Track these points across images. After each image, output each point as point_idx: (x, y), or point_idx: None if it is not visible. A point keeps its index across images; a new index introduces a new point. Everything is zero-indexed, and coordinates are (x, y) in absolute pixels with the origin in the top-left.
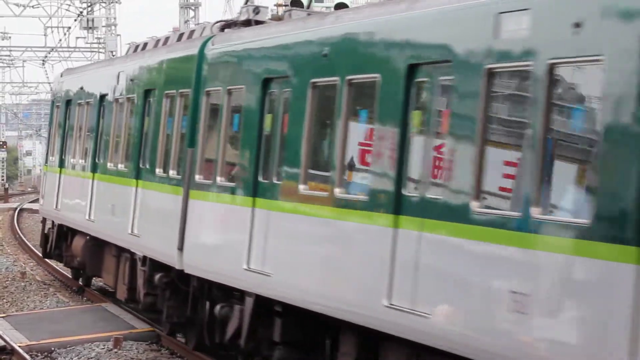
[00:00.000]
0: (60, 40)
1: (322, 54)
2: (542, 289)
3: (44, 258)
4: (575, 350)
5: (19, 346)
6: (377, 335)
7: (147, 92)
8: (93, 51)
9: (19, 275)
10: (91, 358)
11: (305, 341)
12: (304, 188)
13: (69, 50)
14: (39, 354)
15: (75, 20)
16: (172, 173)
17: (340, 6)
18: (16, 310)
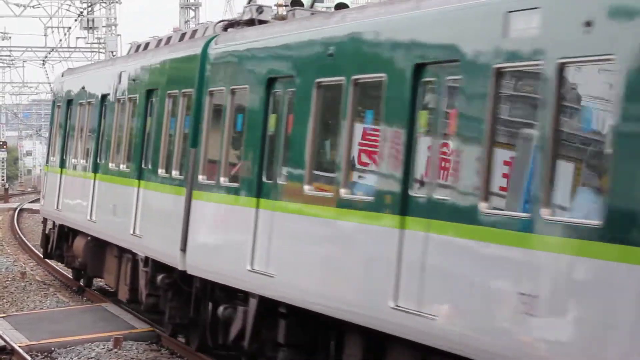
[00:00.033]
0: (60, 41)
1: (328, 54)
2: (551, 291)
3: (45, 259)
4: (584, 353)
5: (19, 346)
6: (383, 337)
7: (150, 92)
8: (93, 51)
9: (19, 275)
10: (91, 358)
11: (310, 343)
12: (309, 189)
13: (69, 51)
14: (39, 354)
15: (76, 20)
16: (175, 173)
17: (340, 6)
18: (16, 310)
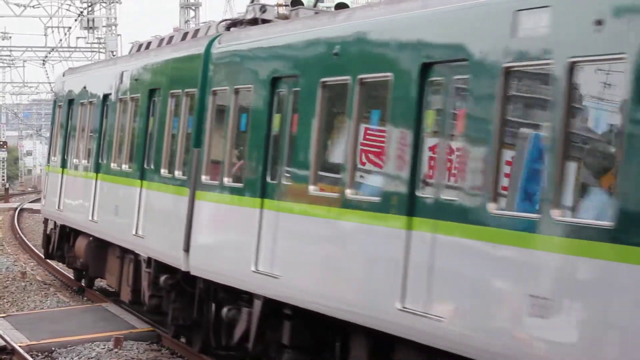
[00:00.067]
0: (60, 40)
1: (333, 53)
2: (562, 293)
3: (46, 259)
4: (595, 356)
5: (19, 346)
6: (390, 338)
7: (152, 92)
8: (93, 51)
9: (19, 275)
10: (91, 358)
11: (315, 344)
12: (314, 189)
13: (69, 50)
14: (40, 354)
15: (76, 20)
16: (178, 174)
17: (340, 6)
18: (16, 310)
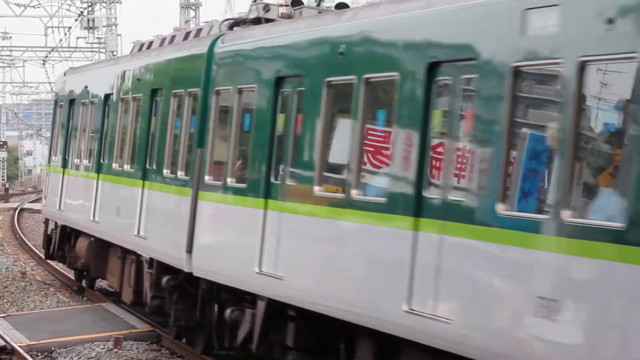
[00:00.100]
0: (60, 40)
1: (338, 52)
2: (572, 295)
3: (47, 260)
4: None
5: (19, 346)
6: (396, 340)
7: (154, 92)
8: (94, 51)
9: (19, 275)
10: (91, 358)
11: (319, 346)
12: (319, 189)
13: (69, 50)
14: (39, 354)
15: (76, 20)
16: (180, 174)
17: (340, 6)
18: (16, 310)
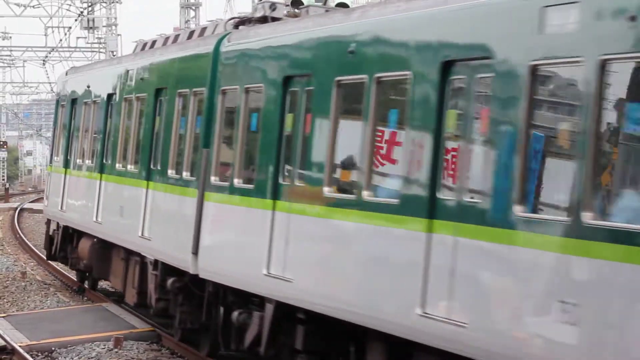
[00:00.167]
0: (60, 40)
1: (348, 51)
2: (594, 299)
3: (49, 260)
4: None
5: (19, 346)
6: (408, 344)
7: (158, 91)
8: (94, 51)
9: (19, 275)
10: (92, 358)
11: (329, 349)
12: (329, 190)
13: (69, 50)
14: (40, 354)
15: (76, 20)
16: (186, 174)
17: (341, 6)
18: (17, 310)
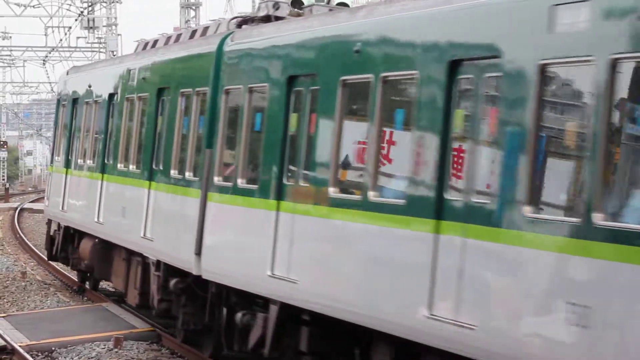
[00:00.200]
0: (60, 40)
1: (354, 50)
2: (605, 302)
3: (50, 261)
4: None
5: (19, 346)
6: (415, 346)
7: (161, 91)
8: (94, 51)
9: (19, 275)
10: (92, 358)
11: (334, 351)
12: (334, 191)
13: (69, 50)
14: (40, 354)
15: (76, 20)
16: (189, 175)
17: (341, 5)
18: (17, 310)
